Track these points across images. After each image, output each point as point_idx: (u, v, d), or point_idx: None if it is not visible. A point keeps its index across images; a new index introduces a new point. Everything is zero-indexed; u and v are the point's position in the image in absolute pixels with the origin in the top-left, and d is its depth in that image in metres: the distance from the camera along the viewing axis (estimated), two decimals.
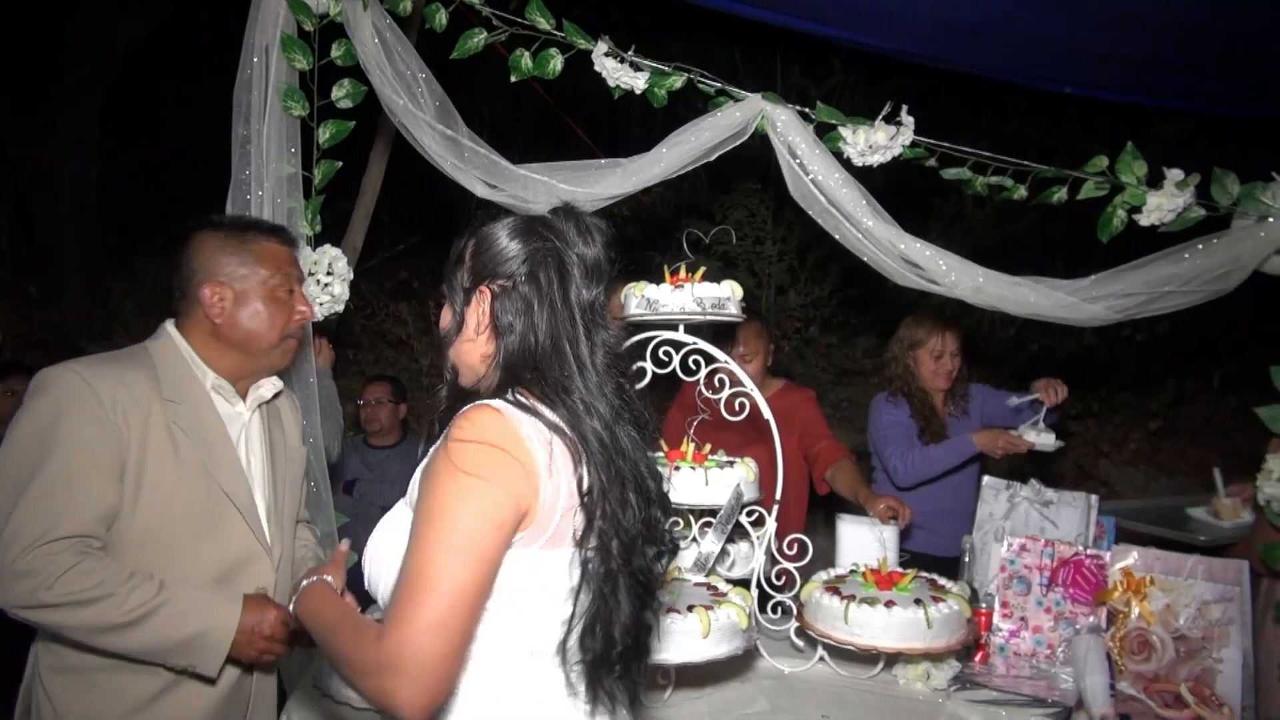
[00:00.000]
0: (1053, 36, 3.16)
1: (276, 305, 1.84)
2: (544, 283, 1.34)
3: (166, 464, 1.70)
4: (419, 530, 1.22)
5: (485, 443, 1.25)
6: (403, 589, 1.19)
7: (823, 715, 2.18)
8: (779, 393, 3.35)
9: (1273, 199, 2.31)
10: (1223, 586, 2.22)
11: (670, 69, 2.35)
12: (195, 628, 1.66)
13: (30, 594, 1.56)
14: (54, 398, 1.64)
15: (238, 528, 1.79)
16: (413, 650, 1.15)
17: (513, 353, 1.35)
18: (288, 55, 2.31)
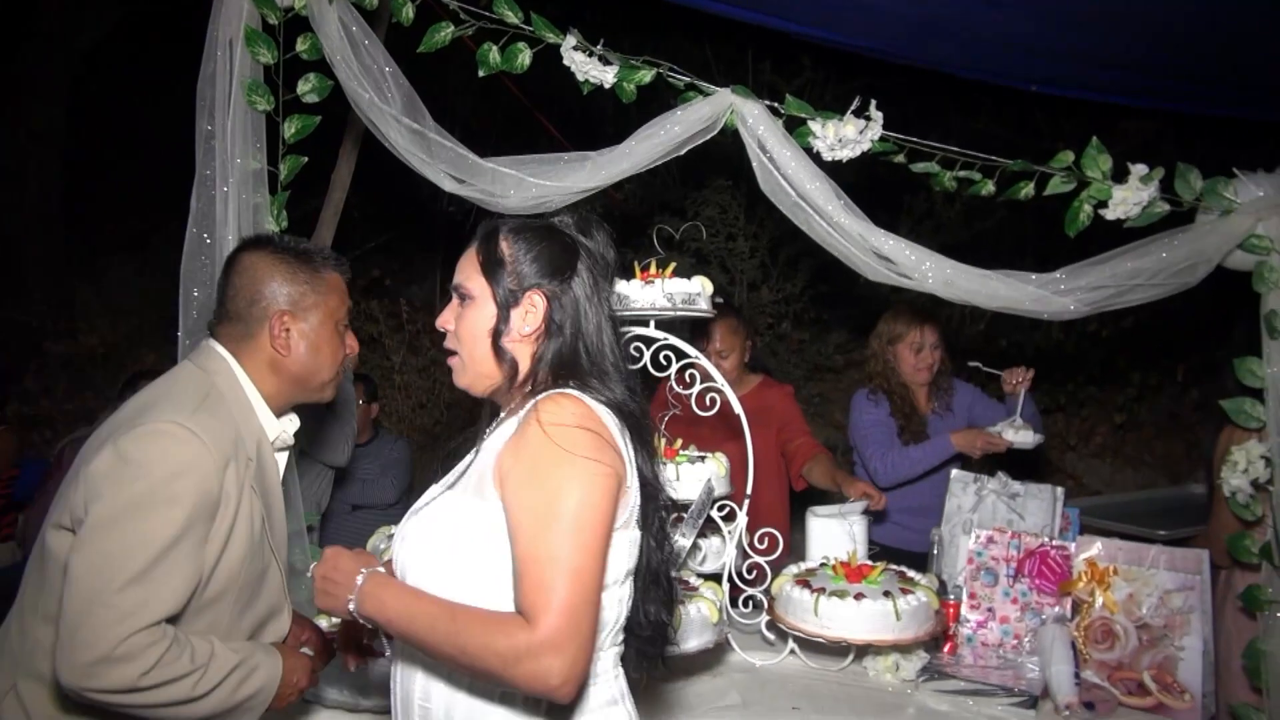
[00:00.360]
0: (1015, 34, 3.19)
1: (338, 339, 1.77)
2: (588, 286, 1.46)
3: (243, 529, 1.58)
4: (539, 516, 1.28)
5: (584, 426, 1.33)
6: (541, 574, 1.25)
7: (794, 707, 2.20)
8: (757, 388, 3.36)
9: (1235, 194, 2.35)
10: (1184, 576, 2.26)
11: (639, 63, 2.34)
12: (254, 687, 1.58)
13: (131, 679, 1.42)
14: (172, 463, 1.48)
15: (274, 582, 1.71)
16: (568, 631, 1.23)
17: (566, 352, 1.44)
18: (252, 49, 2.28)
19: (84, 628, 1.41)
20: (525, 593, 1.26)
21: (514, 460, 1.33)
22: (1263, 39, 3.11)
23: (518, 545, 1.29)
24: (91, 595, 1.42)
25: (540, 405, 1.35)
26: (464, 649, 1.27)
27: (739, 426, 2.49)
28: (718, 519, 2.49)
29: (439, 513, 1.41)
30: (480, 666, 1.27)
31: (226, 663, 1.53)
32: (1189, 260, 2.31)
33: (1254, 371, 2.37)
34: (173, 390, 1.61)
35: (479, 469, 1.40)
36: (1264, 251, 2.32)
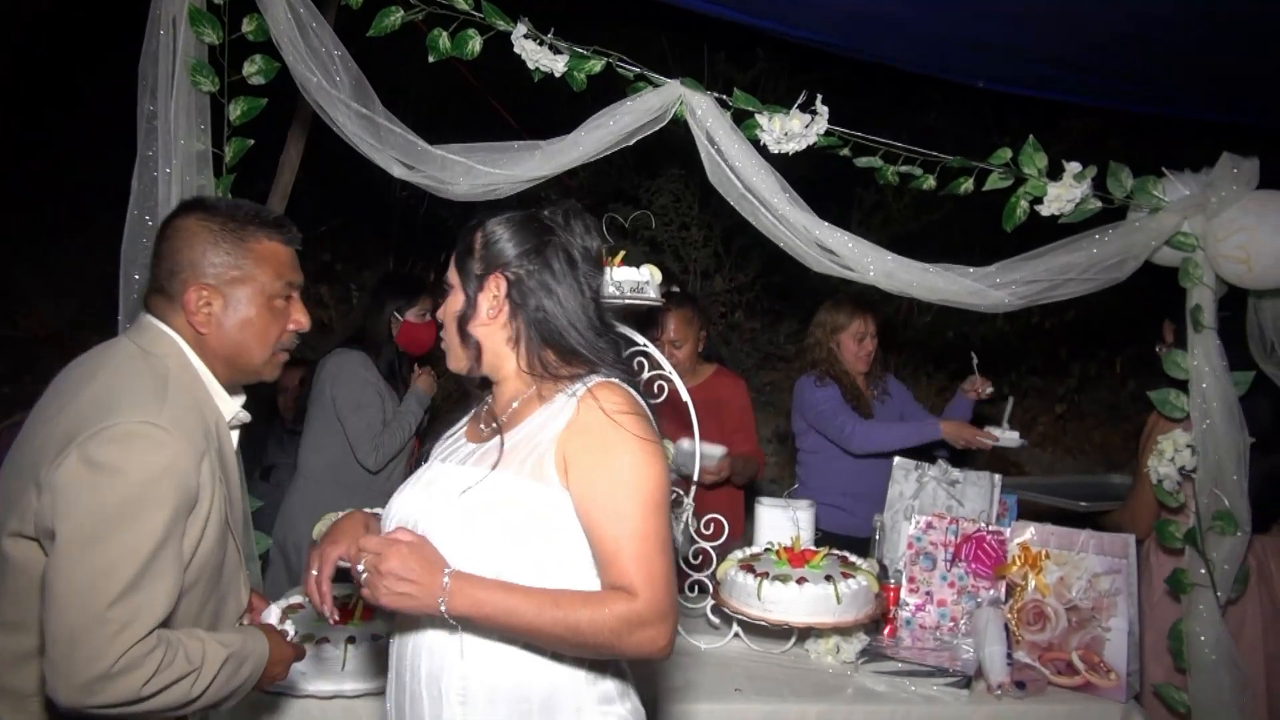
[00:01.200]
0: (961, 31, 3.25)
1: (272, 315, 1.61)
2: (558, 270, 1.50)
3: (216, 517, 1.51)
4: (622, 497, 1.37)
5: (638, 412, 1.43)
6: (635, 548, 1.36)
7: (736, 689, 2.25)
8: (710, 378, 3.40)
9: (1163, 193, 2.44)
10: (1111, 559, 2.35)
11: (589, 52, 2.35)
12: (244, 675, 1.53)
13: (135, 690, 1.36)
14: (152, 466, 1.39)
15: (232, 561, 1.63)
16: (669, 598, 1.37)
17: (544, 332, 1.50)
18: (196, 29, 2.25)
19: (82, 646, 1.34)
20: (622, 568, 1.37)
21: (581, 447, 1.41)
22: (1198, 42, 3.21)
23: (604, 527, 1.39)
24: (84, 614, 1.33)
25: (596, 393, 1.44)
26: (575, 629, 1.34)
27: (686, 414, 2.53)
28: None
29: (494, 495, 1.43)
30: (591, 643, 1.35)
31: (218, 656, 1.47)
32: (1119, 256, 2.39)
33: (1179, 364, 2.46)
34: (130, 383, 1.48)
35: (535, 453, 1.43)
36: (1189, 248, 2.42)
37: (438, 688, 1.45)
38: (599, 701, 1.48)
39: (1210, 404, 2.39)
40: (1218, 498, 2.39)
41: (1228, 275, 2.36)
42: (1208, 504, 2.41)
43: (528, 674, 1.44)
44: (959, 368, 6.09)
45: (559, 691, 1.45)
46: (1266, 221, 2.26)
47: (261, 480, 4.05)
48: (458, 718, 1.43)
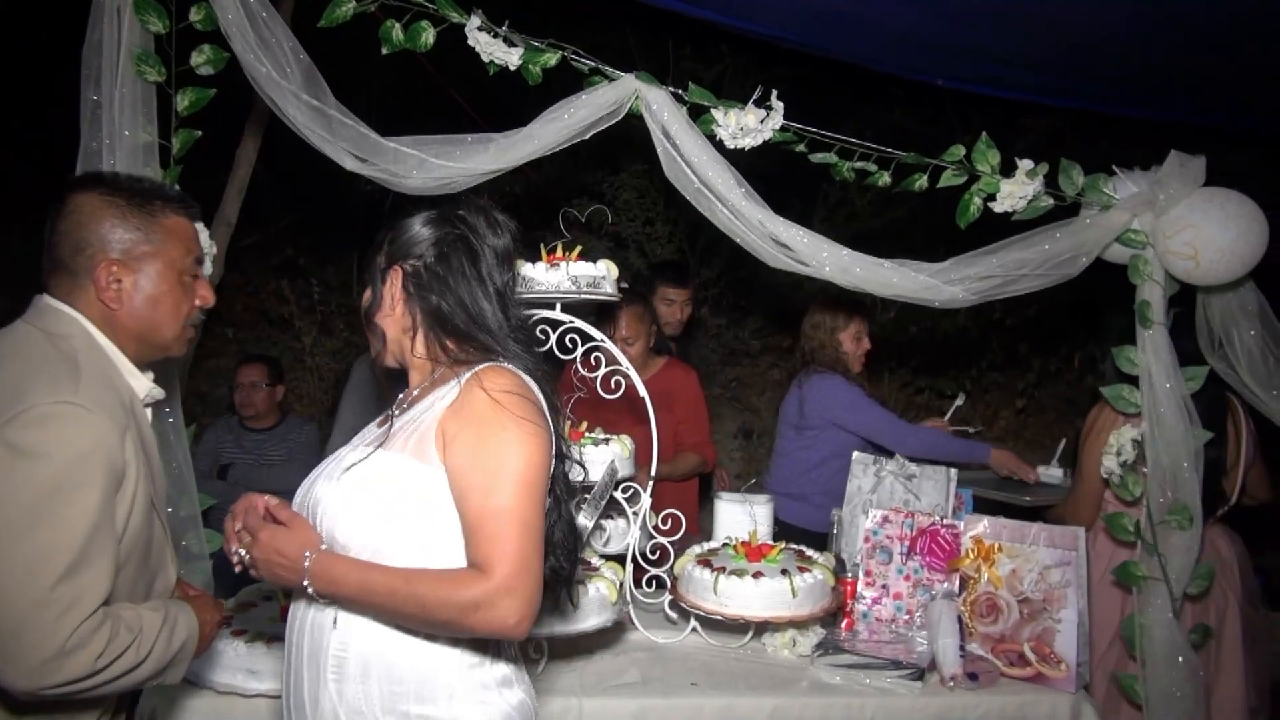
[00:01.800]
0: (918, 30, 3.27)
1: (182, 291, 1.61)
2: (455, 264, 1.55)
3: (142, 493, 1.50)
4: (489, 474, 1.40)
5: (522, 394, 1.46)
6: (494, 527, 1.38)
7: (692, 683, 2.25)
8: (662, 370, 3.42)
9: (1113, 190, 2.47)
10: (1061, 552, 2.38)
11: (544, 45, 2.34)
12: (181, 638, 1.55)
13: (87, 666, 1.36)
14: (76, 445, 1.37)
15: (159, 536, 1.61)
16: (521, 576, 1.37)
17: (440, 320, 1.54)
18: (141, 17, 2.20)
19: (28, 630, 1.33)
20: (479, 545, 1.39)
21: (460, 425, 1.44)
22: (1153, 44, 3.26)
23: (469, 502, 1.41)
24: (26, 599, 1.33)
25: (480, 374, 1.48)
26: (424, 607, 1.37)
27: (644, 409, 2.52)
28: (622, 500, 2.51)
29: (374, 471, 1.48)
30: (441, 619, 1.38)
31: (153, 621, 1.49)
32: (1071, 252, 2.42)
33: (1131, 359, 2.50)
34: (38, 367, 1.44)
35: (417, 432, 1.47)
36: (1139, 245, 2.45)
37: (316, 664, 1.48)
38: (477, 688, 1.50)
39: (1159, 399, 2.43)
40: (1169, 493, 2.42)
41: (1176, 271, 2.40)
42: (1160, 499, 2.44)
43: (400, 654, 1.47)
44: (920, 363, 6.15)
45: (432, 674, 1.48)
46: (1212, 218, 2.30)
47: (218, 479, 3.99)
48: (333, 694, 1.46)
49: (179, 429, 2.28)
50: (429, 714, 1.46)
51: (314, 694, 1.47)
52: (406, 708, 1.46)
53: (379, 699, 1.45)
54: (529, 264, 2.43)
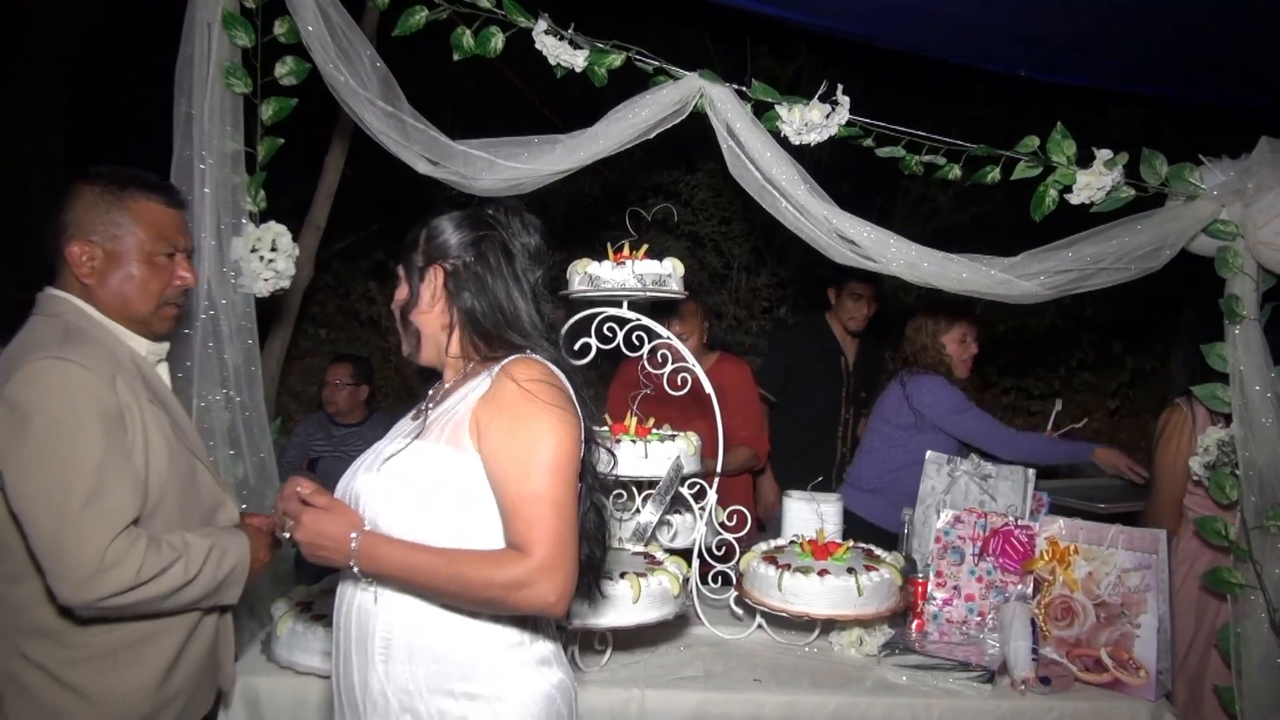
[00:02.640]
0: (994, 20, 3.19)
1: (152, 270, 1.75)
2: (493, 263, 1.60)
3: (157, 436, 1.68)
4: (524, 460, 1.45)
5: (552, 382, 1.52)
6: (531, 510, 1.44)
7: (755, 679, 2.25)
8: (715, 365, 3.44)
9: (1200, 180, 2.37)
10: (1141, 555, 2.29)
11: (608, 47, 2.37)
12: (231, 562, 1.74)
13: (130, 578, 1.56)
14: (62, 391, 1.56)
15: (205, 479, 1.82)
16: (559, 556, 1.43)
17: (476, 320, 1.59)
18: (229, 32, 2.33)
19: (66, 549, 1.52)
20: (518, 528, 1.45)
21: (493, 414, 1.49)
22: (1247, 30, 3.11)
23: (506, 488, 1.46)
24: (57, 522, 1.52)
25: (510, 366, 1.53)
26: (467, 586, 1.43)
27: (705, 404, 2.53)
28: (688, 495, 2.53)
29: (413, 461, 1.53)
30: (483, 597, 1.44)
31: (201, 545, 1.68)
32: (1153, 244, 2.34)
33: (1223, 356, 2.39)
34: (30, 338, 1.66)
35: (452, 422, 1.53)
36: (1229, 237, 2.35)
37: (364, 647, 1.53)
38: (518, 666, 1.54)
39: (1250, 398, 2.32)
40: (1265, 496, 2.32)
41: (1268, 263, 2.29)
42: (1256, 502, 2.34)
43: (444, 635, 1.52)
44: (1007, 363, 5.98)
45: (476, 653, 1.52)
46: None
47: (309, 470, 4.17)
48: (380, 676, 1.52)
49: (262, 423, 2.39)
50: (473, 691, 1.51)
51: (363, 676, 1.53)
52: (451, 686, 1.51)
53: (425, 679, 1.51)
54: (595, 262, 2.47)
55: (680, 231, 5.74)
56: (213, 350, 2.30)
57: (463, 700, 1.50)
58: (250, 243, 2.37)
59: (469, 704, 1.51)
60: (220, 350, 2.32)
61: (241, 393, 2.36)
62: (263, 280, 2.40)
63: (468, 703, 1.51)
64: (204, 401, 2.28)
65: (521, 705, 1.52)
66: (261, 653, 2.24)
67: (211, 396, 2.30)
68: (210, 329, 2.31)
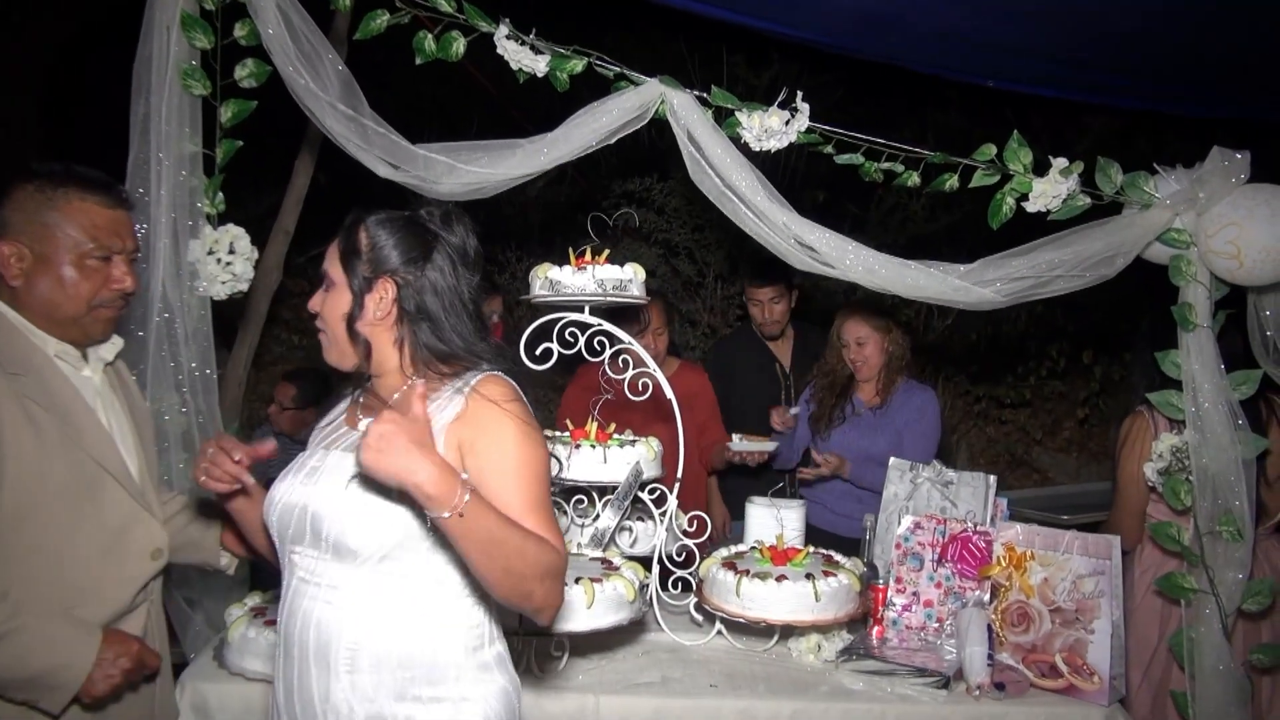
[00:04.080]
0: (962, 30, 3.22)
1: (83, 273, 1.68)
2: (444, 274, 1.58)
3: (26, 440, 1.60)
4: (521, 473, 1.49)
5: (522, 400, 1.57)
6: (536, 518, 1.46)
7: (711, 685, 2.24)
8: (677, 372, 3.44)
9: (1154, 189, 2.40)
10: (1096, 561, 2.30)
11: (569, 52, 2.38)
12: (47, 663, 1.57)
13: None
14: None
15: (115, 494, 1.72)
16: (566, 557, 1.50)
17: (432, 336, 1.57)
18: (188, 34, 2.32)
19: None
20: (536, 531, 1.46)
21: (475, 434, 1.50)
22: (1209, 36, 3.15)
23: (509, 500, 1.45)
24: None
25: (482, 387, 1.54)
26: (525, 557, 1.41)
27: (666, 410, 2.53)
28: (648, 501, 2.53)
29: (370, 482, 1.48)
30: (531, 573, 1.41)
31: None
32: (1107, 252, 2.36)
33: (1176, 363, 2.41)
34: None
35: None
36: (1182, 245, 2.37)
37: (326, 660, 1.51)
38: (478, 668, 1.57)
39: (1203, 405, 2.34)
40: (1218, 502, 2.34)
41: (1219, 271, 2.31)
42: (1207, 507, 2.36)
43: (412, 643, 1.52)
44: (979, 371, 6.02)
45: (441, 659, 1.54)
46: (1256, 215, 2.21)
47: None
48: (346, 687, 1.50)
49: (218, 429, 2.37)
50: (439, 695, 1.53)
51: (324, 688, 1.51)
52: (419, 691, 1.52)
53: (391, 686, 1.51)
54: (556, 267, 2.47)
55: (654, 239, 5.75)
56: (167, 353, 2.28)
57: (430, 704, 1.52)
58: (208, 245, 2.36)
59: (435, 707, 1.52)
60: (175, 353, 2.30)
61: (196, 397, 2.34)
62: (220, 283, 2.38)
63: (434, 706, 1.52)
64: (158, 405, 2.26)
65: (484, 703, 1.55)
66: (214, 659, 2.21)
67: (165, 401, 2.27)
68: (165, 332, 2.29)
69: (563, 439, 2.53)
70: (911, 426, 3.34)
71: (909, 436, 3.32)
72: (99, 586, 1.70)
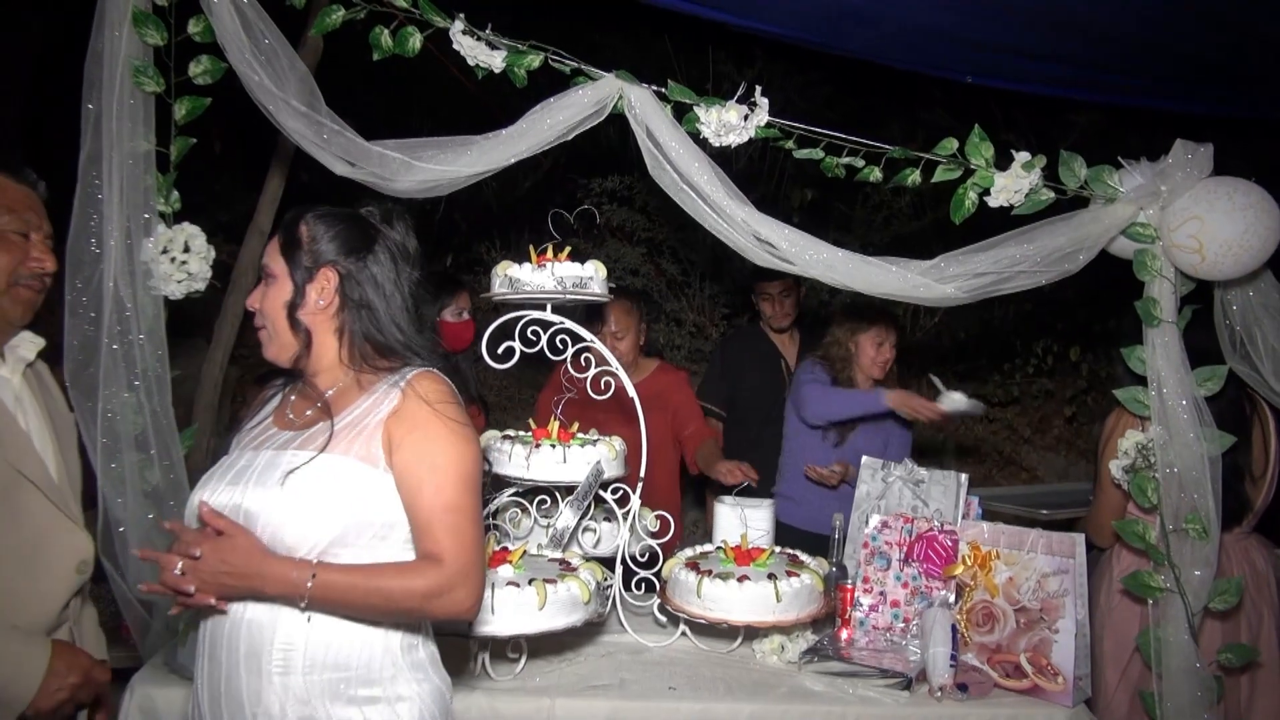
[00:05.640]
0: (937, 25, 3.20)
1: (4, 246, 1.68)
2: (384, 267, 1.62)
3: None
4: (439, 475, 1.50)
5: (456, 401, 1.57)
6: (446, 520, 1.48)
7: (670, 687, 2.22)
8: (654, 374, 3.40)
9: (1119, 183, 2.37)
10: (1060, 559, 2.28)
11: (525, 47, 2.35)
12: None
13: None
14: None
15: (34, 502, 1.68)
16: (474, 563, 1.49)
17: (369, 326, 1.61)
18: (139, 30, 2.28)
19: None
20: (433, 538, 1.49)
21: (406, 430, 1.52)
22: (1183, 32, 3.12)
23: (420, 501, 1.50)
24: None
25: (417, 383, 1.56)
26: (389, 598, 1.45)
27: (631, 410, 2.51)
28: (611, 501, 2.50)
29: (322, 476, 1.51)
30: (404, 608, 1.47)
31: None
32: (1071, 247, 2.33)
33: (1141, 359, 2.39)
34: None
35: (362, 436, 1.53)
36: (1147, 239, 2.34)
37: (257, 663, 1.49)
38: (412, 668, 1.58)
39: (1168, 401, 2.31)
40: (1184, 499, 2.31)
41: (1182, 265, 2.28)
42: (1173, 506, 2.33)
43: (346, 643, 1.52)
44: (966, 369, 5.98)
45: (375, 659, 1.54)
46: (1217, 209, 2.18)
47: None
48: (278, 689, 1.48)
49: (172, 429, 2.34)
50: (374, 695, 1.53)
51: (254, 690, 1.49)
52: (353, 691, 1.51)
53: (325, 686, 1.50)
54: (516, 265, 2.45)
55: (637, 238, 5.72)
56: (118, 351, 2.24)
57: (365, 705, 1.52)
58: (161, 244, 2.33)
59: (370, 708, 1.52)
60: (129, 353, 2.27)
61: (152, 398, 2.31)
62: (175, 282, 2.35)
63: (369, 707, 1.52)
64: (109, 405, 2.23)
65: (420, 702, 1.57)
66: (164, 663, 2.19)
67: (118, 400, 2.24)
68: (117, 331, 2.25)
69: (524, 438, 2.50)
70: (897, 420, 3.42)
71: (896, 432, 3.45)
72: (18, 600, 1.64)
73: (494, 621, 2.05)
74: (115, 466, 2.23)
